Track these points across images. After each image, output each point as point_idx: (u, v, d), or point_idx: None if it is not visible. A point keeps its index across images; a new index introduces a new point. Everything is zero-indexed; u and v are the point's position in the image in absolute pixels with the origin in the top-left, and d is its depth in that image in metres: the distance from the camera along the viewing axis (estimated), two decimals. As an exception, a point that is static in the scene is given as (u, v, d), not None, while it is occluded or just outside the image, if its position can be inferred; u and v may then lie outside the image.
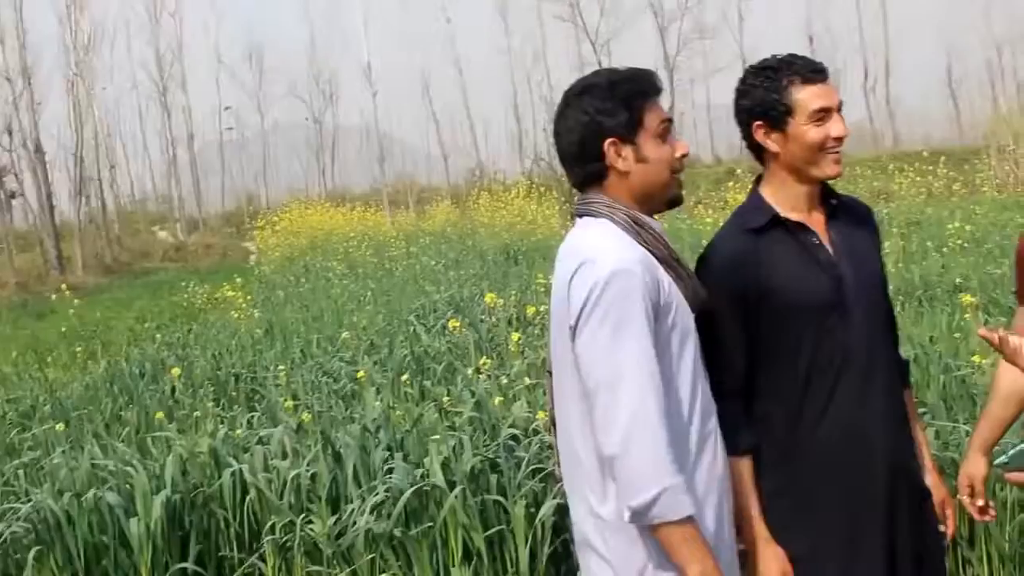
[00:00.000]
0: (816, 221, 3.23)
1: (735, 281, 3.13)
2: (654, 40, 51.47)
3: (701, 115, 52.63)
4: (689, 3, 51.22)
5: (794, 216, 3.20)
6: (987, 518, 3.67)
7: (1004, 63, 44.75)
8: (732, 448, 3.14)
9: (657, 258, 2.96)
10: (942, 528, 3.40)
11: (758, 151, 3.25)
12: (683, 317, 2.97)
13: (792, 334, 3.14)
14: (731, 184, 23.86)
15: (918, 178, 22.30)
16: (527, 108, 49.36)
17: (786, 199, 3.22)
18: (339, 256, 21.15)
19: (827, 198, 3.28)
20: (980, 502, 3.59)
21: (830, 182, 3.27)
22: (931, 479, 3.41)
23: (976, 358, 6.22)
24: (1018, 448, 2.41)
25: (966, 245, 12.63)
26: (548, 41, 52.78)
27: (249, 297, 15.19)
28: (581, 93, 3.04)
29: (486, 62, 48.20)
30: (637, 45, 53.66)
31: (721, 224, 3.41)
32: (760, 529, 3.15)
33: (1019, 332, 3.60)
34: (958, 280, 10.32)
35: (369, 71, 48.21)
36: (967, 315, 7.97)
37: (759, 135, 3.19)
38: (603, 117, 2.99)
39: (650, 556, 2.88)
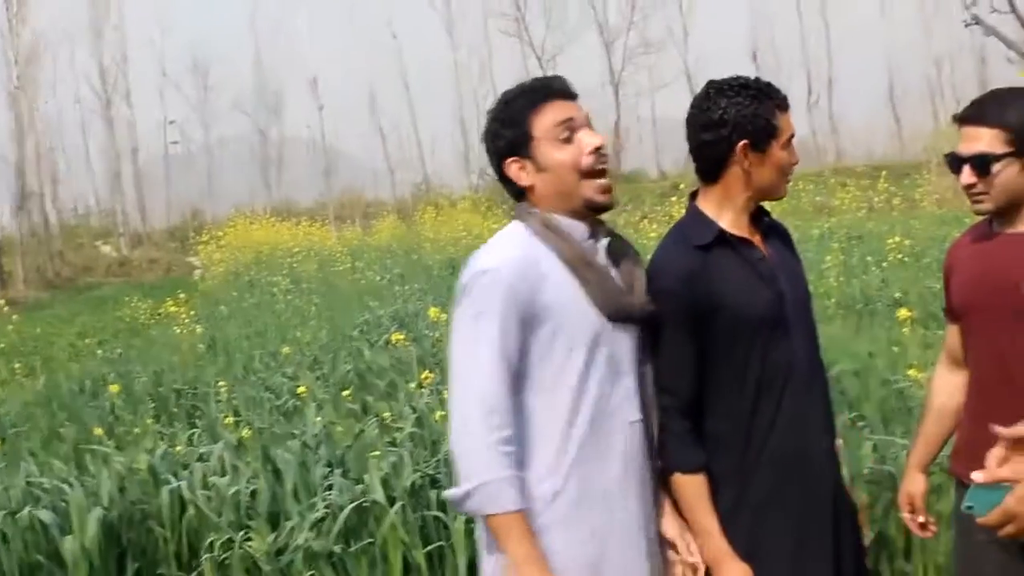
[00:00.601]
0: (755, 236, 3.28)
1: (686, 297, 3.14)
2: (599, 55, 51.75)
3: (647, 129, 52.85)
4: (634, 19, 51.56)
5: (736, 232, 3.24)
6: (928, 534, 3.73)
7: (944, 78, 45.34)
8: (684, 466, 3.15)
9: (563, 261, 2.98)
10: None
11: (719, 167, 3.24)
12: (574, 322, 2.96)
13: (739, 350, 3.17)
14: (676, 199, 23.98)
15: (859, 193, 22.54)
16: (473, 122, 49.31)
17: (728, 216, 3.24)
18: (284, 271, 21.05)
19: (759, 217, 3.33)
20: (921, 518, 3.64)
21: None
22: (851, 486, 3.49)
23: (913, 372, 6.29)
24: (972, 489, 2.42)
25: (906, 259, 12.78)
26: (494, 56, 52.92)
27: (193, 312, 15.07)
28: (489, 118, 3.17)
29: (432, 76, 48.28)
30: (583, 60, 53.99)
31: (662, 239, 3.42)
32: (721, 544, 3.15)
33: (950, 350, 3.66)
34: (897, 294, 10.44)
35: (315, 85, 48.16)
36: (905, 329, 8.05)
37: (739, 151, 3.18)
38: (497, 140, 3.09)
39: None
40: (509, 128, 3.06)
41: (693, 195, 3.34)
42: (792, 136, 3.24)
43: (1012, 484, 2.35)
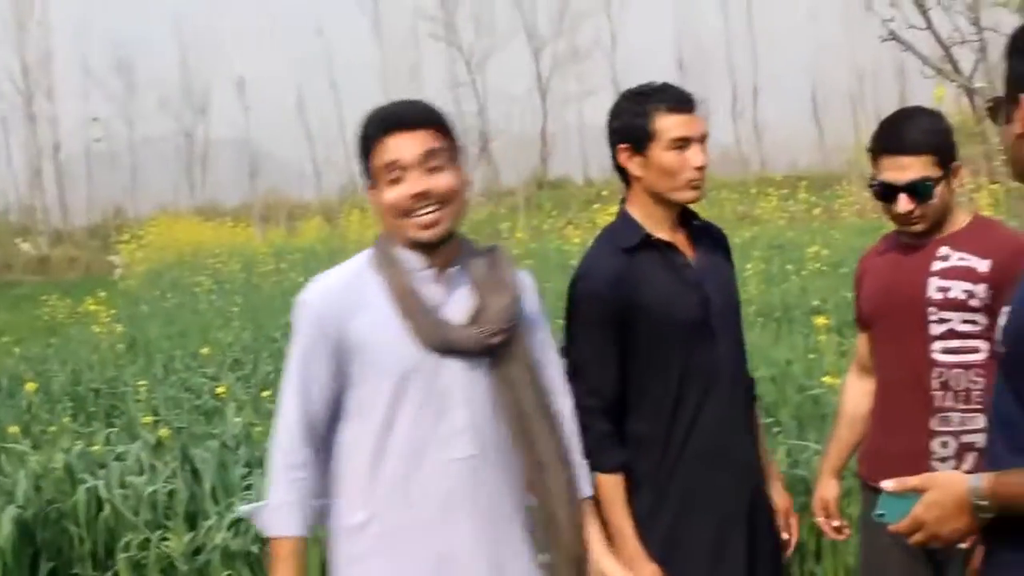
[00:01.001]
0: (680, 242, 3.34)
1: (610, 300, 3.22)
2: (528, 61, 51.83)
3: (574, 137, 52.98)
4: (563, 26, 51.68)
5: (662, 236, 3.30)
6: (842, 537, 3.82)
7: (866, 92, 45.95)
8: (603, 466, 3.22)
9: (388, 291, 2.96)
10: (785, 536, 3.53)
11: (623, 172, 3.34)
12: (386, 354, 2.93)
13: (662, 353, 3.25)
14: (601, 206, 24.10)
15: (781, 202, 22.80)
16: (400, 125, 49.19)
17: (652, 220, 3.32)
18: (207, 271, 20.88)
19: (688, 220, 3.39)
20: (835, 523, 3.73)
21: (691, 205, 3.38)
22: (776, 488, 3.57)
23: (828, 379, 6.40)
24: (883, 497, 2.48)
25: (824, 269, 12.95)
26: (422, 59, 52.84)
27: (113, 311, 14.89)
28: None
29: (360, 79, 47.94)
30: (511, 66, 54.00)
31: (590, 244, 3.48)
32: (635, 546, 3.22)
33: (860, 358, 3.76)
34: (815, 302, 10.58)
35: (242, 85, 47.80)
36: (822, 336, 8.18)
37: (623, 157, 3.30)
38: (360, 161, 3.05)
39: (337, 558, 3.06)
40: (361, 157, 3.04)
41: (624, 199, 3.41)
42: (684, 137, 3.23)
43: (921, 492, 2.40)
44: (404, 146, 2.93)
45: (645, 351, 3.25)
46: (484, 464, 2.99)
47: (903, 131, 3.47)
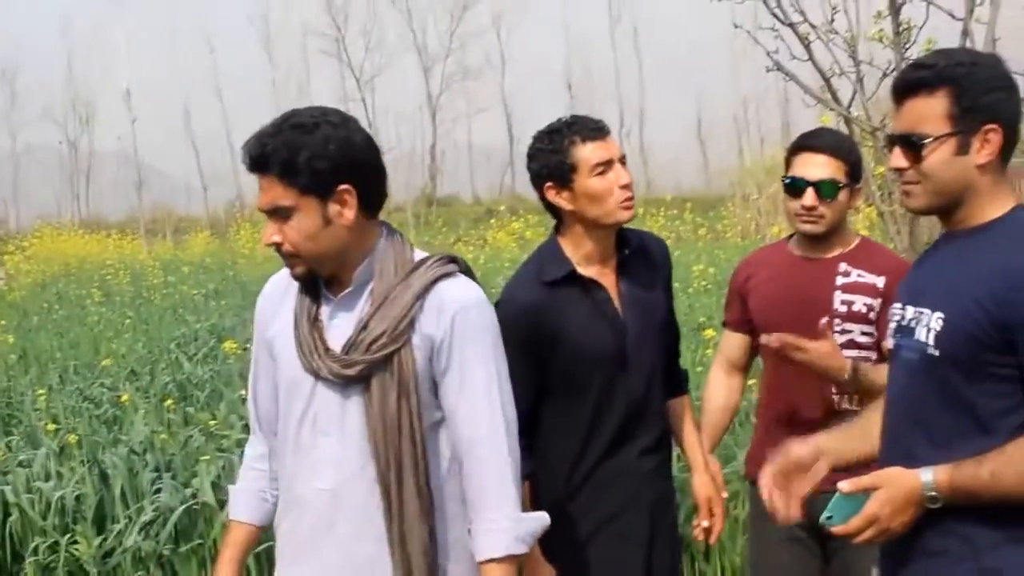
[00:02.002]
0: (608, 273, 3.45)
1: (527, 330, 3.31)
2: (418, 79, 52.04)
3: (463, 154, 53.32)
4: (452, 45, 52.02)
5: (589, 271, 3.41)
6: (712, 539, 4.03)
7: (750, 117, 46.94)
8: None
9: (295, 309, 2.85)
10: (705, 524, 3.70)
11: (554, 210, 3.43)
12: (281, 366, 2.86)
13: (578, 383, 3.40)
14: (492, 222, 24.39)
15: (667, 222, 23.33)
16: (289, 141, 48.90)
17: (581, 251, 3.41)
18: (95, 284, 20.70)
19: (621, 246, 3.48)
20: (706, 523, 3.93)
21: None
22: (701, 479, 3.70)
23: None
24: (835, 500, 2.59)
25: (710, 287, 13.37)
26: (312, 75, 52.80)
27: (2, 322, 14.76)
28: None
29: (249, 93, 47.75)
30: (401, 83, 54.14)
31: (483, 261, 3.68)
32: (535, 552, 3.30)
33: (729, 357, 4.03)
34: (702, 319, 10.92)
35: (128, 97, 47.25)
36: (708, 351, 8.56)
37: (551, 195, 3.38)
38: None
39: None
40: None
41: (557, 226, 3.50)
42: (604, 161, 3.31)
43: (872, 491, 2.54)
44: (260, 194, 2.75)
45: (560, 380, 3.41)
46: (344, 499, 2.80)
47: (824, 134, 3.82)
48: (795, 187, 3.68)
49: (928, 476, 2.51)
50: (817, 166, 3.66)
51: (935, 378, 2.59)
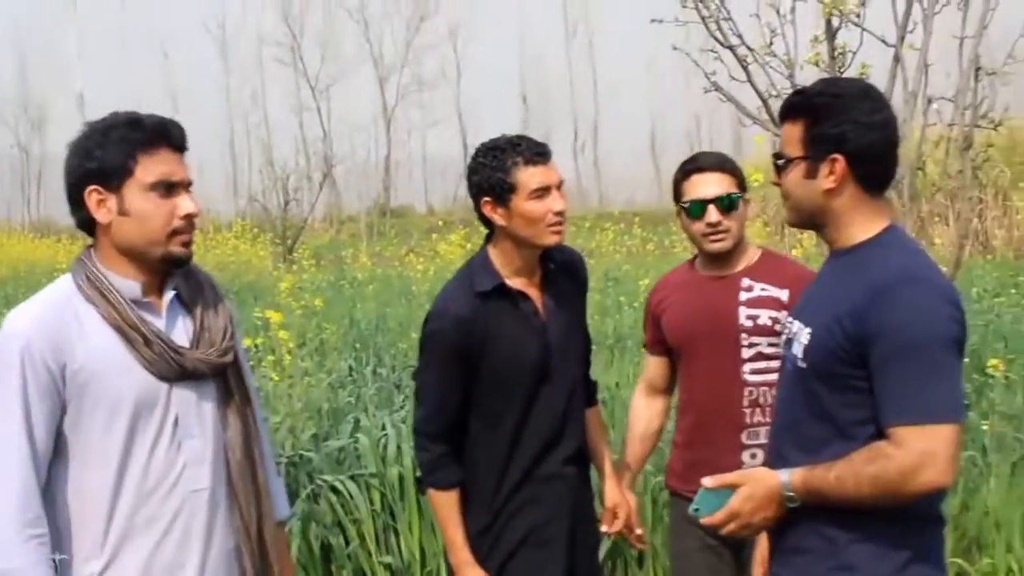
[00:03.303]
0: (534, 285, 3.59)
1: (460, 340, 3.47)
2: (373, 89, 52.08)
3: (417, 165, 53.40)
4: (408, 56, 52.12)
5: (516, 283, 3.55)
6: (642, 546, 4.18)
7: (703, 133, 47.36)
8: (436, 483, 3.55)
9: (107, 323, 2.76)
10: (604, 528, 3.91)
11: (487, 222, 3.56)
12: (116, 387, 2.74)
13: (505, 393, 3.53)
14: (443, 235, 24.47)
15: (618, 236, 23.50)
16: (243, 148, 49.01)
17: (510, 264, 3.56)
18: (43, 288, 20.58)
19: (546, 259, 3.62)
20: (638, 531, 4.06)
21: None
22: (610, 484, 3.89)
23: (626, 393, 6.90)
24: (700, 493, 2.83)
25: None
26: (267, 83, 52.72)
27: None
28: (84, 133, 2.84)
29: (204, 100, 47.59)
30: (356, 93, 54.10)
31: (434, 272, 3.82)
32: (464, 555, 3.53)
33: (651, 380, 4.14)
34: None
35: (82, 101, 47.08)
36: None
37: (487, 209, 3.51)
38: (89, 161, 2.78)
39: None
40: (109, 155, 2.78)
41: (488, 237, 3.64)
42: (544, 187, 3.44)
43: (736, 488, 2.79)
44: (179, 164, 2.86)
45: (487, 389, 3.53)
46: (219, 496, 2.89)
47: (706, 155, 3.98)
48: (696, 209, 3.83)
49: (786, 477, 2.74)
50: (710, 184, 3.84)
51: (804, 389, 2.81)
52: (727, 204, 3.81)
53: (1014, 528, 5.74)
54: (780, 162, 2.85)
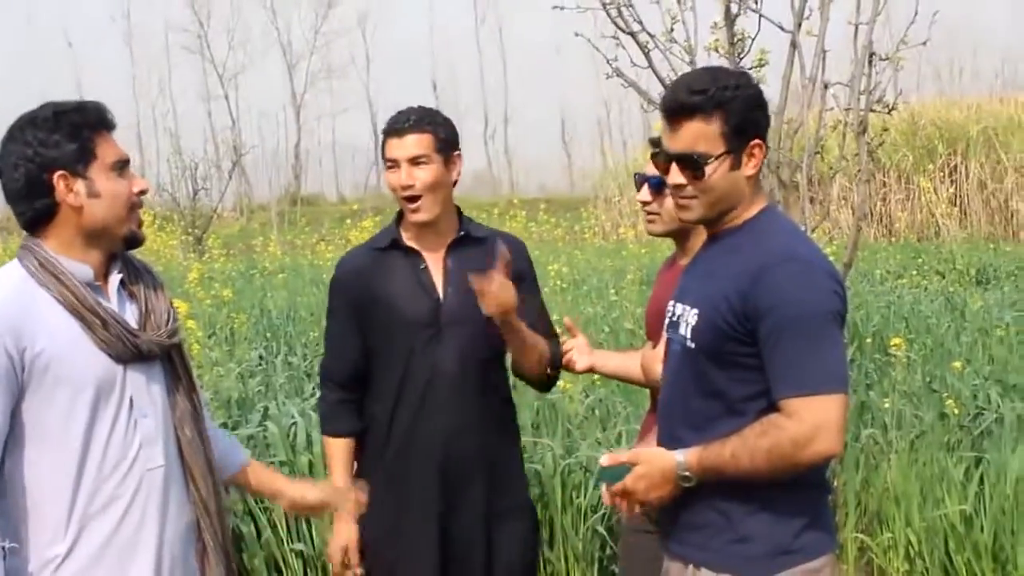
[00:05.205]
0: (438, 250, 3.70)
1: (353, 290, 3.68)
2: (282, 77, 51.69)
3: (327, 153, 53.11)
4: (317, 43, 51.79)
5: (413, 243, 3.70)
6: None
7: (612, 120, 47.60)
8: (328, 431, 3.77)
9: (63, 306, 2.78)
10: None
11: None
12: (78, 369, 2.77)
13: (394, 345, 3.65)
14: (354, 222, 24.41)
15: (528, 223, 23.64)
16: (151, 138, 48.33)
17: (410, 228, 3.71)
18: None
19: (464, 232, 3.73)
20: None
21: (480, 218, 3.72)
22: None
23: (562, 383, 6.97)
24: (599, 471, 2.93)
25: (565, 286, 13.65)
26: (174, 72, 52.07)
27: None
28: (23, 127, 2.84)
29: (109, 89, 46.82)
30: (265, 81, 53.68)
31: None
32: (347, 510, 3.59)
33: (645, 361, 4.08)
34: (555, 317, 11.17)
35: (-18, 91, 46.18)
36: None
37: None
38: (48, 149, 2.80)
39: None
40: (68, 141, 2.82)
41: (399, 215, 3.77)
42: (393, 159, 3.63)
43: (631, 466, 2.86)
44: (119, 145, 2.95)
45: (379, 340, 3.67)
46: (172, 473, 2.95)
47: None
48: (637, 185, 3.81)
49: (681, 457, 2.82)
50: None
51: (693, 368, 2.90)
52: (655, 184, 3.70)
53: (912, 503, 5.88)
54: (708, 161, 2.82)
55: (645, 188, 3.75)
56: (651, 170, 3.66)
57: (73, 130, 2.83)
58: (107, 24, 56.81)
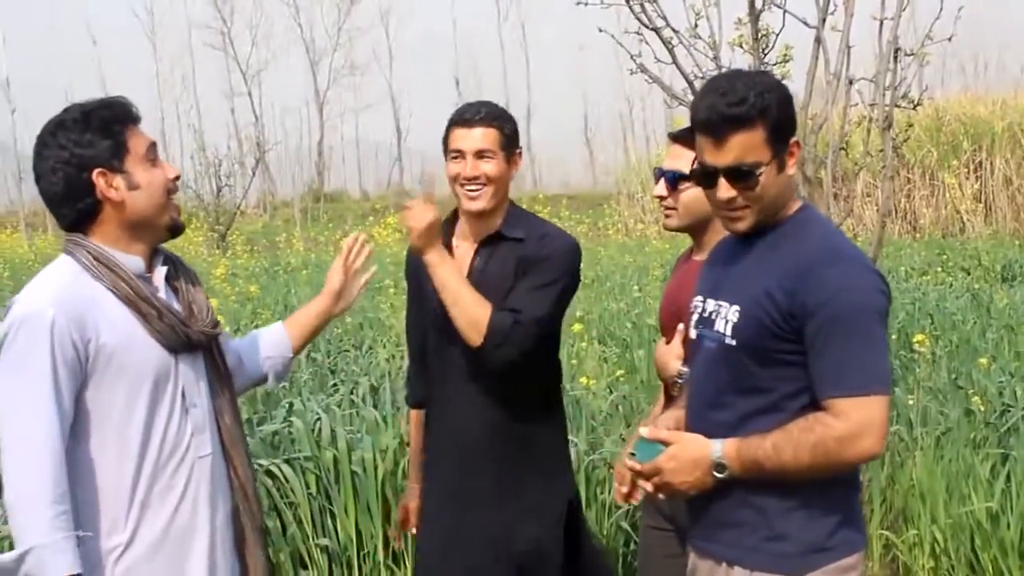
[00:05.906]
0: (469, 248, 3.73)
1: (412, 276, 3.86)
2: (305, 73, 51.75)
3: (350, 150, 53.12)
4: (340, 40, 51.82)
5: (457, 241, 3.76)
6: (634, 501, 4.15)
7: (635, 116, 47.49)
8: (406, 399, 4.09)
9: (120, 298, 2.85)
10: None
11: None
12: (138, 361, 2.84)
13: (428, 333, 3.80)
14: (379, 219, 24.45)
15: (552, 220, 23.62)
16: (174, 134, 48.50)
17: (460, 231, 3.78)
18: (-28, 277, 20.38)
19: (501, 234, 3.71)
20: (624, 488, 4.04)
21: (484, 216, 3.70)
22: None
23: (584, 380, 6.97)
24: (638, 442, 2.90)
25: (589, 283, 13.65)
26: (198, 68, 52.18)
27: None
28: (55, 131, 2.90)
29: (133, 86, 46.94)
30: (288, 77, 53.77)
31: (373, 258, 3.93)
32: (414, 475, 3.98)
33: (659, 356, 4.07)
34: (579, 313, 11.18)
35: (8, 87, 46.34)
36: (584, 343, 8.81)
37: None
38: (84, 149, 2.86)
39: None
40: (102, 138, 2.89)
41: (454, 212, 3.83)
42: (458, 150, 3.64)
43: (667, 445, 2.85)
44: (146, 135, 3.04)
45: (431, 327, 3.75)
46: (217, 461, 3.03)
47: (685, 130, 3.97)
48: (656, 178, 3.74)
49: (718, 445, 2.81)
50: (672, 157, 3.70)
51: (732, 365, 2.87)
52: (671, 180, 3.69)
53: (938, 500, 5.86)
54: (759, 171, 2.80)
55: (662, 182, 3.72)
56: (668, 165, 3.68)
57: (104, 127, 2.88)
58: (131, 21, 56.94)
